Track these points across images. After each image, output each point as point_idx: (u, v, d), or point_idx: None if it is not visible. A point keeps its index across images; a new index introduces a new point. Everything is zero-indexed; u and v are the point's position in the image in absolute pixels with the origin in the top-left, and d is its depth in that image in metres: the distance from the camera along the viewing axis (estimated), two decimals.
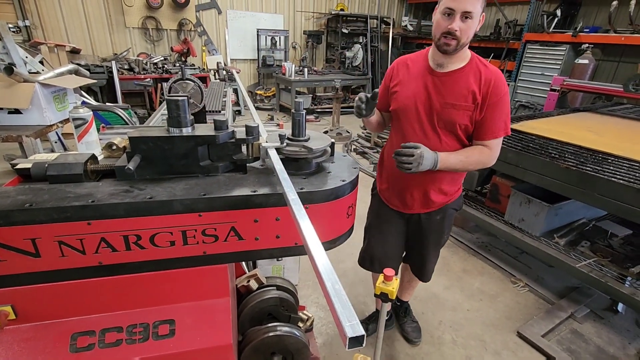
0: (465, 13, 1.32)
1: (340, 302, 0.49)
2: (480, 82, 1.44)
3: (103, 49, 6.85)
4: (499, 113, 1.46)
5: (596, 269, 2.38)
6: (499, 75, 1.46)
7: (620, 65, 5.86)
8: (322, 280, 0.53)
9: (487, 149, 1.52)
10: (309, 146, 1.08)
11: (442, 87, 1.49)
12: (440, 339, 2.30)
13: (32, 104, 2.38)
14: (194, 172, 1.05)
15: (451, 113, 1.48)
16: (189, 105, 1.05)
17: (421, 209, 1.73)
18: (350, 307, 0.48)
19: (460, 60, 1.48)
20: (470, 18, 1.33)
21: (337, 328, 0.47)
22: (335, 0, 9.17)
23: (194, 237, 0.95)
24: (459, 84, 1.46)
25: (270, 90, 8.58)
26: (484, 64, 1.49)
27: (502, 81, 1.45)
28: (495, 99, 1.44)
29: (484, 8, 1.37)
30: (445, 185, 1.65)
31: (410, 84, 1.56)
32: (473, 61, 1.49)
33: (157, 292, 1.02)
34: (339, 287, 0.52)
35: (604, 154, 2.54)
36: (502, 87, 1.44)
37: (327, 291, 0.51)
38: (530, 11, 6.32)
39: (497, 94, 1.43)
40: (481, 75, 1.45)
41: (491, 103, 1.44)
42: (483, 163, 1.54)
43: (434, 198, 1.67)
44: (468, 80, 1.46)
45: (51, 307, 0.95)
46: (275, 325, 1.33)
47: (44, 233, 0.84)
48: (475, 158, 1.52)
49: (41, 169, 0.95)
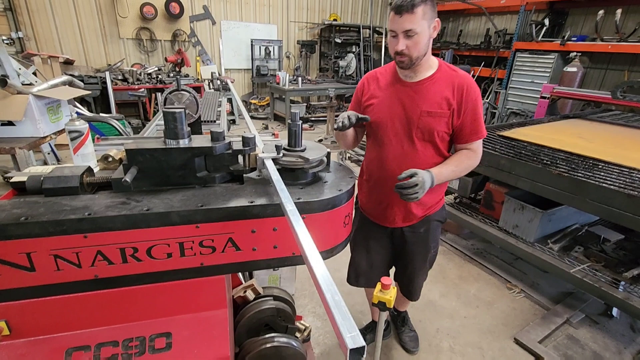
0: (406, 32, 1.34)
1: (340, 313, 0.49)
2: (453, 88, 1.46)
3: (97, 59, 6.85)
4: (476, 115, 1.49)
5: (590, 274, 2.40)
6: (470, 80, 1.49)
7: (608, 73, 5.99)
8: (322, 291, 0.54)
9: (472, 152, 1.54)
10: (306, 156, 1.09)
11: (415, 96, 1.50)
12: (438, 347, 2.29)
13: (26, 116, 2.37)
14: (191, 183, 1.05)
15: (429, 121, 1.48)
16: (185, 116, 1.06)
17: (403, 222, 1.70)
18: (351, 318, 0.48)
19: (428, 68, 1.50)
20: (415, 34, 1.34)
21: (338, 339, 0.47)
22: (328, 11, 9.29)
23: (191, 249, 0.95)
24: (432, 92, 1.48)
25: (264, 100, 8.62)
26: (453, 69, 1.51)
27: (474, 85, 1.49)
28: (471, 103, 1.47)
29: (433, 14, 1.37)
30: (425, 197, 1.58)
31: (383, 97, 1.57)
32: (442, 68, 1.51)
33: (154, 304, 1.01)
34: (339, 298, 0.52)
35: (595, 160, 2.58)
36: (474, 91, 1.48)
37: (327, 302, 0.51)
38: (519, 20, 6.45)
39: (471, 98, 1.46)
40: (453, 81, 1.47)
41: (468, 107, 1.47)
42: (471, 167, 1.57)
43: (415, 211, 1.66)
44: (440, 87, 1.47)
45: (46, 322, 0.94)
46: (272, 336, 1.32)
47: (39, 247, 0.84)
48: (465, 164, 1.53)
49: (37, 182, 0.94)
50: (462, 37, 8.36)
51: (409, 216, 1.68)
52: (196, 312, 1.05)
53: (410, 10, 1.30)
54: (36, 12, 6.11)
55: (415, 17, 1.31)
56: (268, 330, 1.42)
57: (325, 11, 9.25)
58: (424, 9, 1.32)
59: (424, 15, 1.33)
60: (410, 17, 1.31)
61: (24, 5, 5.97)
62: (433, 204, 1.70)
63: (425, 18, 1.34)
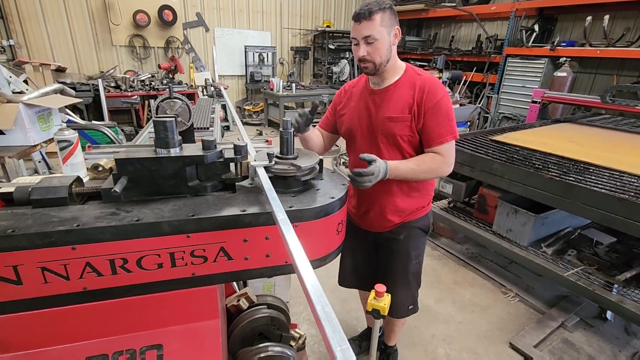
0: (365, 38, 1.39)
1: (331, 325, 0.48)
2: (414, 90, 1.46)
3: (89, 67, 6.82)
4: (440, 117, 1.45)
5: (584, 277, 2.41)
6: (433, 81, 1.47)
7: (597, 77, 6.08)
8: (312, 303, 0.53)
9: (439, 156, 1.48)
10: (298, 164, 1.09)
11: (380, 104, 1.52)
12: (434, 353, 2.28)
13: (16, 125, 2.35)
14: (182, 193, 1.04)
15: (391, 126, 1.49)
16: (177, 124, 1.05)
17: (380, 227, 1.69)
18: (341, 330, 0.48)
19: (394, 74, 1.51)
20: (374, 40, 1.38)
21: (328, 353, 0.46)
22: (321, 17, 9.36)
23: (182, 259, 0.94)
24: (395, 97, 1.49)
25: (258, 106, 8.62)
26: (417, 73, 1.51)
27: (437, 86, 1.46)
28: (431, 104, 1.44)
29: (392, 22, 1.41)
30: (400, 200, 1.61)
31: (353, 106, 1.61)
32: (407, 73, 1.51)
33: (144, 316, 0.99)
34: (329, 309, 0.52)
35: (586, 164, 2.61)
36: (437, 92, 1.44)
37: (317, 314, 0.50)
38: (509, 26, 6.54)
39: (432, 99, 1.43)
40: (415, 84, 1.46)
41: (428, 108, 1.44)
42: (436, 171, 1.50)
43: (390, 217, 1.63)
44: (403, 91, 1.48)
45: (33, 335, 0.92)
46: (266, 346, 1.31)
47: (26, 259, 0.82)
48: (427, 165, 1.48)
49: (24, 193, 0.93)
50: (454, 42, 8.45)
51: (384, 222, 1.65)
52: (188, 323, 1.04)
53: (368, 17, 1.36)
54: (28, 20, 6.08)
55: (373, 23, 1.36)
56: (262, 339, 1.41)
57: (318, 18, 9.31)
58: (382, 16, 1.36)
59: (382, 22, 1.37)
60: (368, 24, 1.37)
61: (15, 12, 5.94)
62: (412, 210, 1.65)
63: (384, 25, 1.38)
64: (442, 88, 1.47)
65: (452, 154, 1.50)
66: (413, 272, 1.75)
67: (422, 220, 1.70)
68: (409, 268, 1.72)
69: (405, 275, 1.74)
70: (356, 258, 1.88)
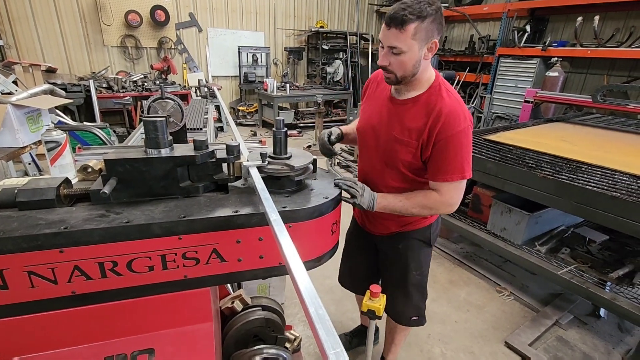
0: (391, 48, 1.21)
1: (324, 328, 0.47)
2: (430, 115, 1.26)
3: (81, 67, 6.74)
4: (452, 153, 1.26)
5: (577, 275, 2.43)
6: (455, 109, 1.24)
7: (588, 77, 6.15)
8: (305, 305, 0.52)
9: (436, 194, 1.32)
10: (291, 164, 1.07)
11: (394, 117, 1.37)
12: (430, 353, 2.28)
13: (4, 126, 2.30)
14: (174, 194, 1.02)
15: (394, 147, 1.36)
16: (169, 125, 1.03)
17: (378, 231, 1.65)
18: (335, 333, 0.46)
19: (418, 87, 1.32)
20: (401, 52, 1.20)
21: (321, 355, 0.45)
22: (315, 18, 9.36)
23: (173, 261, 0.92)
24: (409, 116, 1.32)
25: (252, 106, 8.59)
26: (442, 94, 1.28)
27: (458, 116, 1.24)
28: (444, 136, 1.24)
29: (429, 35, 1.20)
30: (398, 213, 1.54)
31: (372, 107, 1.49)
32: (432, 90, 1.30)
33: (135, 320, 0.97)
34: (323, 312, 0.50)
35: (578, 163, 2.63)
36: (455, 124, 1.23)
37: (311, 317, 0.49)
38: (501, 27, 6.59)
39: (447, 130, 1.23)
40: (434, 107, 1.26)
41: (440, 140, 1.25)
42: (429, 208, 1.34)
43: (386, 222, 1.58)
44: (418, 112, 1.30)
45: (20, 342, 0.89)
46: (261, 348, 1.29)
47: (12, 263, 0.80)
48: (417, 201, 1.32)
49: (10, 195, 0.91)
50: (447, 43, 8.50)
51: (380, 226, 1.61)
52: (180, 326, 1.02)
53: (400, 26, 1.15)
54: (17, 20, 5.99)
55: (404, 35, 1.16)
56: (257, 341, 1.39)
57: (312, 18, 9.30)
58: (417, 27, 1.15)
59: (416, 35, 1.17)
60: (398, 33, 1.17)
61: (4, 13, 5.85)
62: (410, 221, 1.56)
63: (417, 39, 1.18)
64: (463, 119, 1.24)
65: (454, 195, 1.31)
66: (414, 283, 1.66)
67: (422, 232, 1.60)
68: (408, 279, 1.65)
69: (405, 285, 1.66)
70: (355, 258, 1.87)
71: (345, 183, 1.24)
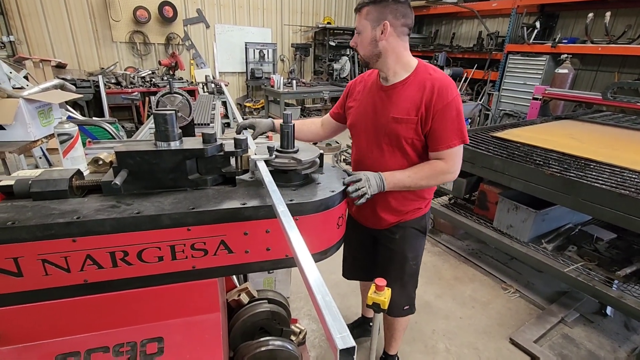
0: (355, 29, 1.42)
1: (331, 314, 0.48)
2: (423, 91, 1.37)
3: (90, 63, 6.81)
4: (449, 120, 1.37)
5: (584, 273, 2.41)
6: (445, 82, 1.37)
7: (599, 74, 6.06)
8: (313, 292, 0.53)
9: (442, 162, 1.41)
10: (298, 157, 1.09)
11: (387, 102, 1.45)
12: (434, 348, 2.29)
13: (16, 120, 2.34)
14: (183, 186, 1.04)
15: (395, 127, 1.42)
16: (177, 119, 1.05)
17: (375, 225, 1.66)
18: (341, 319, 0.48)
19: (402, 71, 1.43)
20: (358, 32, 1.40)
21: (328, 340, 0.46)
22: (322, 14, 9.33)
23: (182, 252, 0.94)
24: (402, 96, 1.42)
25: (259, 103, 8.61)
26: (429, 72, 1.41)
27: (448, 87, 1.37)
28: (440, 106, 1.35)
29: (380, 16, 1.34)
30: (394, 199, 1.56)
31: (362, 101, 1.57)
32: (418, 71, 1.42)
33: (145, 309, 0.99)
34: (330, 299, 0.51)
35: (587, 160, 2.60)
36: (448, 93, 1.35)
37: (318, 303, 0.50)
38: (510, 23, 6.52)
39: (442, 101, 1.35)
40: (425, 84, 1.38)
41: (437, 111, 1.36)
42: (437, 177, 1.42)
43: (383, 215, 1.60)
44: (411, 91, 1.40)
45: (34, 328, 0.92)
46: (267, 340, 1.31)
47: (26, 252, 0.82)
48: (425, 172, 1.41)
49: (24, 185, 0.93)
50: (455, 39, 8.42)
51: (378, 220, 1.63)
52: (189, 316, 1.04)
53: (359, 10, 1.39)
54: (28, 16, 6.06)
55: (359, 16, 1.39)
56: (263, 333, 1.41)
57: (319, 14, 9.28)
58: (368, 9, 1.35)
59: (367, 15, 1.36)
60: (358, 17, 1.40)
61: (15, 9, 5.92)
62: (407, 211, 1.60)
63: (368, 19, 1.36)
64: (453, 89, 1.38)
65: (457, 160, 1.42)
66: (409, 273, 1.71)
67: (418, 221, 1.65)
68: (405, 269, 1.69)
69: (402, 275, 1.70)
70: (356, 251, 1.89)
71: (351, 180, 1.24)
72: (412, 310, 1.83)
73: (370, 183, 1.31)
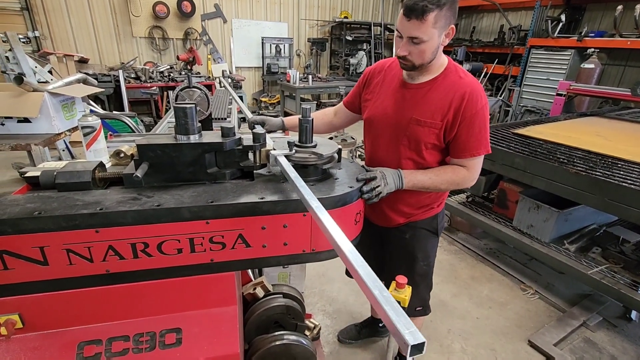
0: (412, 38, 1.21)
1: (394, 309, 0.47)
2: (452, 97, 1.29)
3: (110, 58, 6.96)
4: (477, 129, 1.30)
5: (608, 276, 2.33)
6: (475, 88, 1.29)
7: (627, 69, 5.82)
8: (369, 288, 0.51)
9: (464, 169, 1.36)
10: (319, 152, 1.08)
11: (411, 101, 1.37)
12: (450, 348, 2.25)
13: (41, 113, 2.41)
14: (201, 179, 1.05)
15: (417, 130, 1.35)
16: (196, 113, 1.05)
17: (384, 223, 1.61)
18: (404, 313, 0.47)
19: (432, 71, 1.34)
20: (421, 42, 1.21)
21: (394, 336, 0.46)
22: (339, 8, 9.25)
23: (201, 245, 0.94)
24: (429, 98, 1.33)
25: (275, 98, 8.63)
26: (459, 75, 1.33)
27: (478, 94, 1.29)
28: (469, 114, 1.28)
29: (448, 21, 1.21)
30: (404, 198, 1.50)
31: (381, 95, 1.47)
32: (448, 72, 1.34)
33: (164, 300, 1.01)
34: (387, 293, 0.50)
35: (614, 159, 2.51)
36: (477, 101, 1.28)
37: (377, 300, 0.49)
38: (534, 16, 6.31)
39: (471, 108, 1.28)
40: (455, 89, 1.30)
41: (465, 118, 1.29)
42: (457, 184, 1.38)
43: (390, 214, 1.55)
44: (439, 93, 1.32)
45: (58, 315, 0.94)
46: (282, 334, 1.31)
47: (52, 241, 0.84)
48: (447, 177, 1.36)
49: (50, 177, 0.95)
50: (475, 33, 8.22)
51: (387, 219, 1.58)
52: (206, 308, 1.05)
53: (421, 17, 1.16)
54: (52, 12, 6.23)
55: (424, 25, 1.17)
56: (277, 327, 1.41)
57: (336, 9, 9.20)
58: (436, 16, 1.16)
59: (436, 23, 1.18)
60: (419, 24, 1.17)
61: (40, 4, 6.10)
62: (416, 212, 1.55)
63: (437, 26, 1.19)
64: (483, 96, 1.31)
65: (478, 169, 1.38)
66: (420, 273, 1.66)
67: (429, 221, 1.59)
68: (414, 269, 1.64)
69: (411, 275, 1.62)
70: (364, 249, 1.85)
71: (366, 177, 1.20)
72: (425, 312, 1.77)
73: (387, 181, 1.25)
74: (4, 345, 0.91)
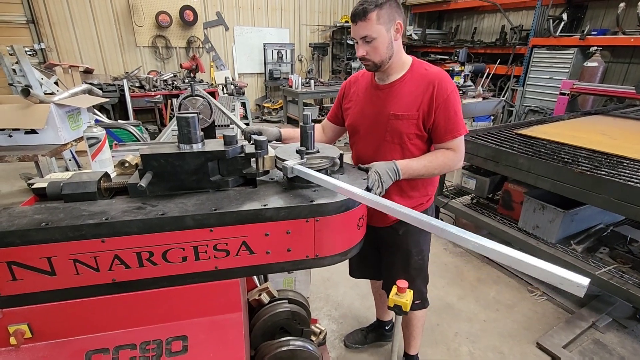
0: (363, 38, 1.35)
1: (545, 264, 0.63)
2: (422, 87, 1.41)
3: (115, 68, 7.05)
4: (452, 112, 1.40)
5: (617, 276, 2.30)
6: (442, 76, 1.41)
7: (631, 67, 5.77)
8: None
9: (451, 152, 1.45)
10: (329, 155, 1.09)
11: (386, 99, 1.47)
12: (457, 351, 2.24)
13: (48, 124, 2.45)
14: (205, 188, 1.06)
15: (396, 124, 1.45)
16: (199, 121, 1.07)
17: (379, 222, 1.65)
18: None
19: (398, 70, 1.46)
20: (372, 39, 1.34)
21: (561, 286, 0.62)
22: (340, 13, 9.30)
23: (205, 252, 0.95)
24: (401, 94, 1.44)
25: (277, 103, 8.67)
26: (424, 67, 1.45)
27: (446, 80, 1.41)
28: (442, 99, 1.39)
29: (392, 17, 1.34)
30: (397, 199, 1.54)
31: (358, 101, 1.58)
32: (414, 68, 1.46)
33: (170, 308, 1.02)
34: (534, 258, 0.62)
35: (619, 158, 2.49)
36: (447, 86, 1.39)
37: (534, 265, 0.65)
38: (535, 16, 6.30)
39: (442, 94, 1.38)
40: (423, 80, 1.41)
41: (440, 104, 1.39)
42: (449, 166, 1.47)
43: (386, 215, 1.53)
44: (409, 88, 1.43)
45: (66, 325, 0.96)
46: (287, 340, 1.32)
47: (59, 251, 0.86)
48: (439, 161, 1.44)
49: (56, 188, 0.97)
50: (477, 34, 8.22)
51: (382, 218, 1.60)
52: (212, 315, 1.06)
53: (363, 17, 1.31)
54: (57, 24, 6.33)
55: (369, 23, 1.31)
56: (283, 333, 1.42)
57: (336, 13, 9.26)
58: (378, 13, 1.31)
59: (379, 19, 1.31)
60: (364, 24, 1.32)
61: (45, 17, 6.20)
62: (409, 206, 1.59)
63: (381, 22, 1.32)
64: (451, 82, 1.42)
65: (463, 148, 1.48)
66: (415, 267, 1.72)
67: None
68: (410, 263, 1.70)
69: (407, 270, 1.71)
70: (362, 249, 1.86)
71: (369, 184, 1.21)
72: (424, 305, 1.83)
73: (383, 179, 1.27)
74: (14, 354, 0.93)
